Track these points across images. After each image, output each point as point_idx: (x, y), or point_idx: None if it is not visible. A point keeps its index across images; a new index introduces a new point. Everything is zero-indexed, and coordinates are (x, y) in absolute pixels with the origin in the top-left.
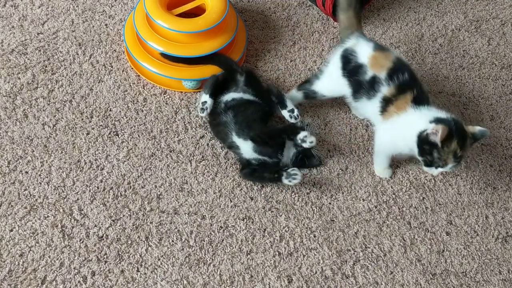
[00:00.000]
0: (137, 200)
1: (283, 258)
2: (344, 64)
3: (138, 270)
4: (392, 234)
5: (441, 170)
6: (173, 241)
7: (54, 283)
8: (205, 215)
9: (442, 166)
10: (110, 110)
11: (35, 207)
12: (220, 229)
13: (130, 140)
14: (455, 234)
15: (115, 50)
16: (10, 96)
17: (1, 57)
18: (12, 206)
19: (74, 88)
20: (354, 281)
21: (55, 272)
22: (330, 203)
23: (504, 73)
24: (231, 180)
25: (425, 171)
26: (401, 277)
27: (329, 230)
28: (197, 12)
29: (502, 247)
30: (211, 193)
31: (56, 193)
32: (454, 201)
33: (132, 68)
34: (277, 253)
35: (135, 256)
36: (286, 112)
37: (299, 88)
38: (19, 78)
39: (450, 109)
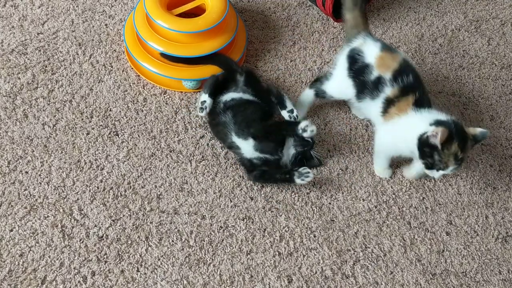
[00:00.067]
0: (137, 200)
1: (283, 258)
2: (351, 64)
3: (138, 270)
4: (392, 234)
5: (442, 172)
6: (173, 241)
7: (54, 283)
8: (205, 215)
9: (443, 169)
10: (110, 110)
11: (35, 207)
12: (220, 229)
13: (130, 140)
14: (455, 234)
15: (115, 50)
16: (10, 96)
17: (1, 57)
18: (12, 206)
19: (74, 88)
20: (354, 281)
21: (55, 272)
22: (330, 203)
23: (504, 73)
24: (231, 180)
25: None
26: (401, 277)
27: (329, 230)
28: (197, 12)
29: (502, 247)
30: (211, 193)
31: (56, 193)
32: (454, 201)
33: (132, 68)
34: (277, 253)
35: (135, 256)
36: (286, 113)
37: (311, 86)
38: (19, 78)
39: (450, 109)
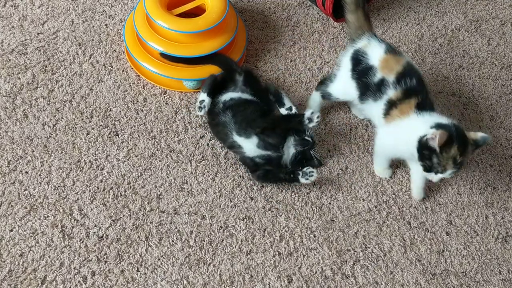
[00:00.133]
0: (137, 200)
1: (283, 258)
2: (354, 65)
3: (138, 270)
4: (392, 234)
5: (440, 176)
6: (173, 241)
7: (54, 283)
8: (205, 215)
9: (441, 172)
10: (110, 110)
11: (35, 207)
12: (220, 229)
13: (130, 140)
14: (455, 234)
15: (115, 50)
16: (10, 96)
17: (1, 57)
18: (12, 206)
19: (74, 88)
20: (354, 281)
21: (55, 272)
22: (330, 203)
23: (504, 73)
24: (231, 180)
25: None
26: (401, 277)
27: (329, 230)
28: (197, 12)
29: (502, 247)
30: (211, 193)
31: (56, 193)
32: (454, 201)
33: (132, 68)
34: (277, 253)
35: (135, 256)
36: (284, 110)
37: (317, 89)
38: (19, 78)
39: (450, 109)
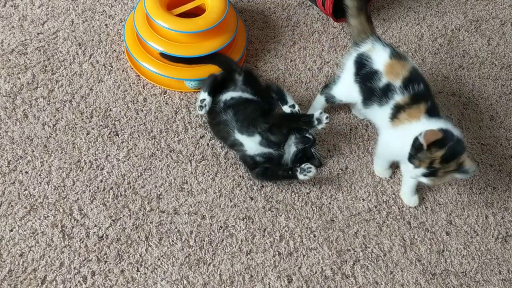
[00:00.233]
0: (137, 200)
1: (283, 258)
2: (358, 69)
3: (138, 270)
4: (392, 234)
5: (415, 171)
6: (173, 241)
7: (54, 283)
8: (205, 215)
9: (415, 166)
10: (110, 110)
11: (35, 207)
12: (220, 229)
13: (130, 140)
14: (455, 234)
15: (115, 50)
16: (10, 96)
17: (1, 57)
18: (12, 206)
19: (74, 88)
20: (354, 281)
21: (55, 272)
22: (330, 203)
23: (504, 73)
24: (231, 180)
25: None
26: (401, 277)
27: (329, 230)
28: (197, 12)
29: (502, 247)
30: (211, 193)
31: (56, 193)
32: (454, 201)
33: (132, 68)
34: (277, 253)
35: (135, 256)
36: (287, 108)
37: (321, 92)
38: (19, 78)
39: (450, 109)
